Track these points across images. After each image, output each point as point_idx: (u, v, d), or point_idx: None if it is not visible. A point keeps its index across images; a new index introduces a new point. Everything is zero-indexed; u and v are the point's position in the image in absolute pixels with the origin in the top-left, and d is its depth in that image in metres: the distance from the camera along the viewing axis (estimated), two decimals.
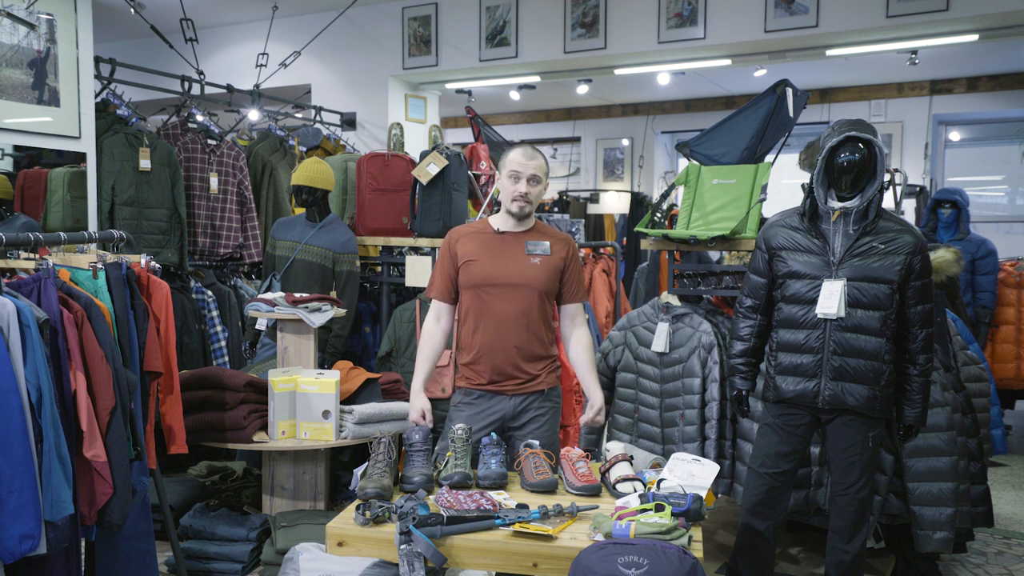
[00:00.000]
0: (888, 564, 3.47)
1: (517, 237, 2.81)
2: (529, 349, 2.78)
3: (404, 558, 2.09)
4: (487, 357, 2.78)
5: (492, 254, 2.78)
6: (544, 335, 2.82)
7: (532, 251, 2.79)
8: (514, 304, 2.76)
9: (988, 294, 5.37)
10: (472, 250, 2.80)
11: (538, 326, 2.79)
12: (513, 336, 2.76)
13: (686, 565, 1.94)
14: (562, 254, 2.83)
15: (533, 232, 2.83)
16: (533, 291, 2.77)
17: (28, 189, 4.04)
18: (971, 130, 8.76)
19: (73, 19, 3.98)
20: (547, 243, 2.81)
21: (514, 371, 2.78)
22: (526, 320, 2.77)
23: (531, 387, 2.81)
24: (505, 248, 2.79)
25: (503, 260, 2.77)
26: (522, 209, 2.76)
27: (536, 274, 2.77)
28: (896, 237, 2.70)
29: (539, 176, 2.76)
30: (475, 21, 6.09)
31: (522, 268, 2.77)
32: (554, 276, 2.81)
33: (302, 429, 3.36)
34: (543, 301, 2.80)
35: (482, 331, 2.78)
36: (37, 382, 2.13)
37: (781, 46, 5.36)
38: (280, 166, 5.34)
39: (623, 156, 9.97)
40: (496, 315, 2.76)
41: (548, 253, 2.80)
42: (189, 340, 4.41)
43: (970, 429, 3.32)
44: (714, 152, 3.74)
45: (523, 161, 2.74)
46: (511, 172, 2.75)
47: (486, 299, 2.78)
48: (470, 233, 2.85)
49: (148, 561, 2.79)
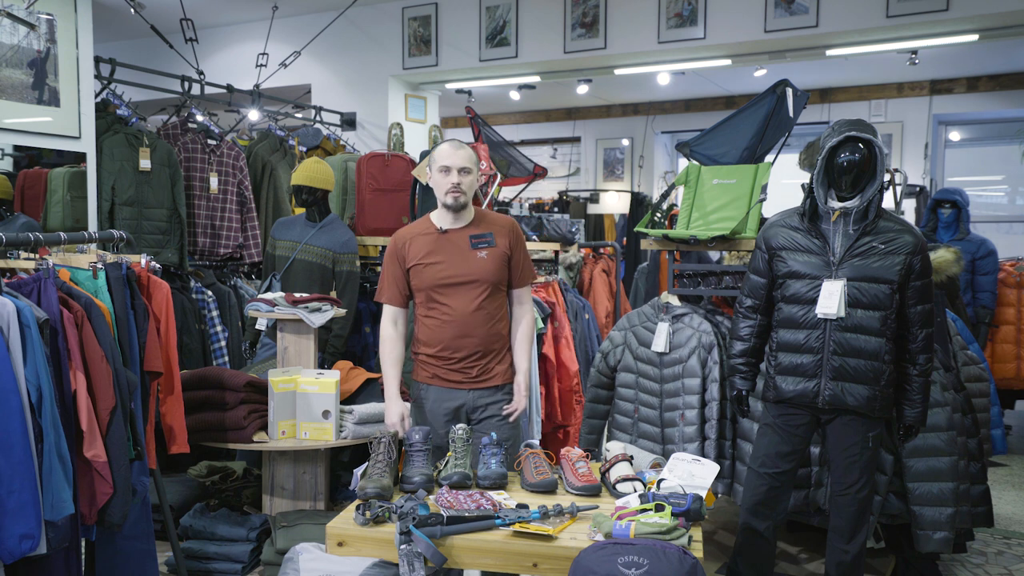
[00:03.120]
0: (888, 564, 3.47)
1: (460, 232, 2.84)
2: (486, 344, 2.83)
3: (404, 558, 2.09)
4: (444, 353, 2.82)
5: (439, 255, 2.82)
6: (501, 327, 2.88)
7: (477, 244, 2.83)
8: (468, 299, 2.80)
9: (988, 294, 5.37)
10: (419, 253, 2.84)
11: (494, 318, 2.85)
12: (469, 332, 2.81)
13: (686, 565, 1.94)
14: (506, 241, 2.87)
15: (474, 224, 2.87)
16: (484, 285, 2.81)
17: (28, 189, 4.04)
18: (971, 130, 8.76)
19: (73, 19, 3.98)
20: (490, 234, 2.85)
21: (470, 366, 2.83)
22: (482, 314, 2.81)
23: (487, 382, 2.85)
24: (450, 246, 2.83)
25: (451, 259, 2.81)
26: (457, 200, 2.79)
27: (484, 267, 2.81)
28: (896, 237, 2.70)
29: (469, 167, 2.80)
30: (475, 21, 6.09)
31: (469, 264, 2.81)
32: (502, 266, 2.85)
33: (302, 429, 3.36)
34: (495, 292, 2.85)
35: (440, 327, 2.82)
36: (37, 382, 2.13)
37: (781, 46, 5.36)
38: (280, 166, 5.34)
39: (623, 156, 9.96)
40: (452, 312, 2.81)
41: (493, 244, 2.84)
42: (189, 340, 4.41)
43: (970, 429, 3.32)
44: (714, 152, 3.75)
45: (452, 152, 2.79)
46: (441, 167, 2.79)
47: (439, 299, 2.82)
48: (415, 236, 2.88)
49: (148, 561, 2.79)
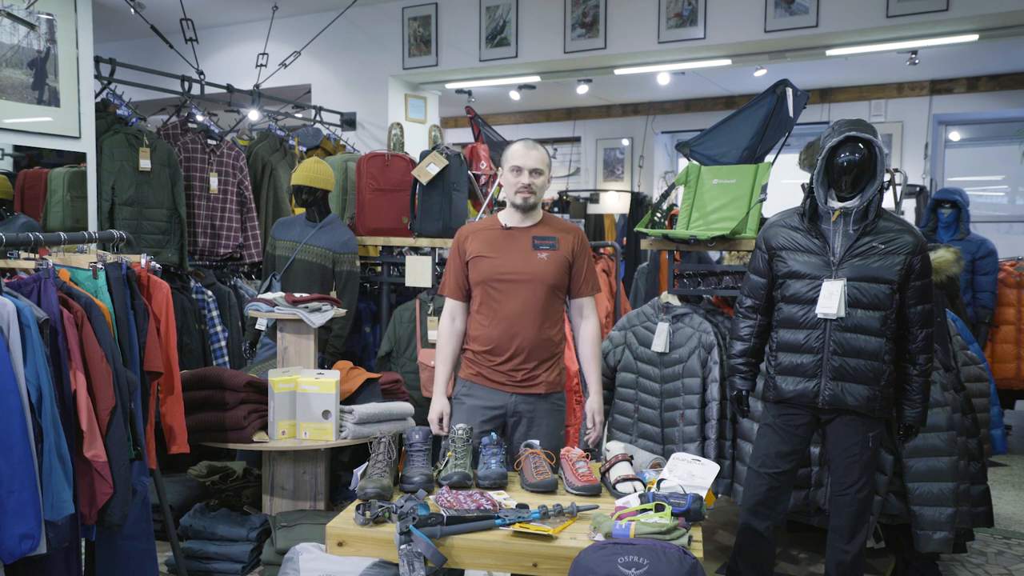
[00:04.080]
0: (888, 564, 3.47)
1: (524, 232, 2.82)
2: (535, 347, 2.79)
3: (404, 558, 2.09)
4: (494, 351, 2.80)
5: (499, 250, 2.80)
6: (553, 333, 2.83)
7: (539, 245, 2.80)
8: (522, 299, 2.77)
9: (988, 294, 5.37)
10: (480, 247, 2.82)
11: (547, 323, 2.80)
12: (521, 332, 2.78)
13: (686, 565, 1.94)
14: (569, 246, 2.83)
15: (540, 226, 2.84)
16: (541, 286, 2.78)
17: (28, 189, 4.04)
18: (971, 130, 8.75)
19: (73, 19, 3.98)
20: (554, 237, 2.82)
21: (517, 368, 2.79)
22: (534, 316, 2.78)
23: (531, 388, 2.81)
24: (512, 243, 2.81)
25: (510, 255, 2.79)
26: (526, 200, 2.77)
27: (543, 268, 2.78)
28: (896, 237, 2.70)
29: (541, 168, 2.78)
30: (475, 21, 6.09)
31: (528, 263, 2.78)
32: (562, 270, 2.81)
33: (302, 429, 3.36)
34: (552, 296, 2.81)
35: (491, 325, 2.80)
36: (37, 382, 2.13)
37: (781, 46, 5.36)
38: (280, 166, 5.34)
39: (623, 156, 9.96)
40: (505, 310, 2.78)
41: (555, 247, 2.81)
42: (189, 340, 4.40)
43: (970, 429, 3.32)
44: (714, 152, 3.75)
45: (525, 152, 2.77)
46: (513, 166, 2.78)
47: (494, 295, 2.80)
48: (479, 230, 2.88)
49: (148, 561, 2.79)
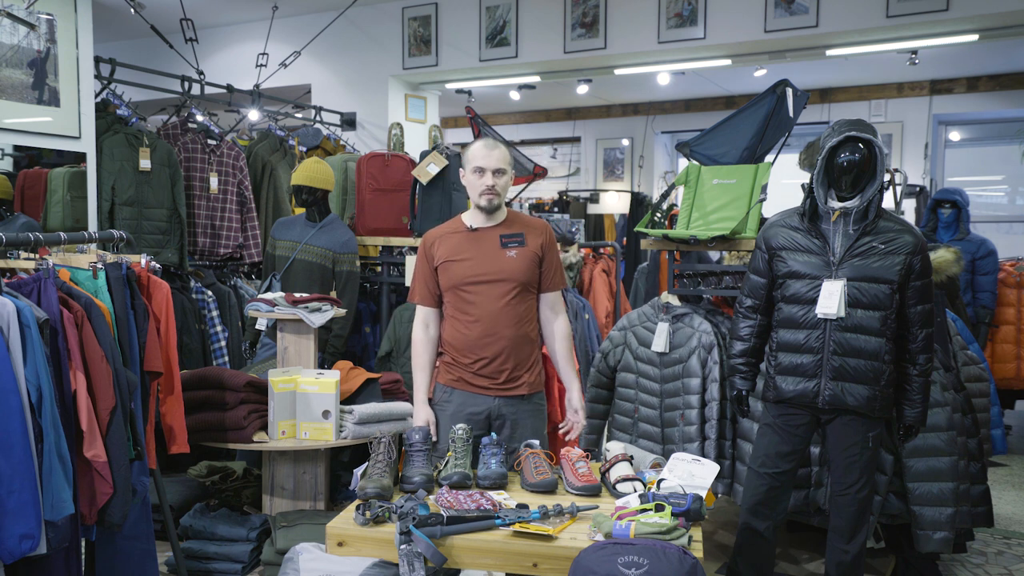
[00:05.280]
0: (888, 564, 3.47)
1: (490, 231, 2.80)
2: (514, 346, 2.77)
3: (404, 558, 2.09)
4: (474, 354, 2.78)
5: (467, 252, 2.78)
6: (530, 330, 2.82)
7: (507, 244, 2.78)
8: (496, 299, 2.75)
9: (988, 294, 5.37)
10: (447, 251, 2.80)
11: (523, 320, 2.79)
12: (499, 332, 2.75)
13: (686, 565, 1.94)
14: (538, 242, 2.82)
15: (506, 224, 2.82)
16: (513, 284, 2.76)
17: (28, 189, 4.04)
18: (971, 130, 8.76)
19: (73, 19, 3.98)
20: (521, 233, 2.81)
21: (499, 370, 2.77)
22: (510, 315, 2.76)
23: (513, 390, 2.80)
24: (479, 244, 2.79)
25: (479, 257, 2.77)
26: (491, 202, 2.76)
27: (513, 266, 2.76)
28: (896, 237, 2.70)
29: (503, 168, 2.76)
30: (475, 21, 6.09)
31: (498, 262, 2.76)
32: (532, 266, 2.80)
33: (302, 429, 3.36)
34: (525, 293, 2.79)
35: (468, 329, 2.78)
36: (37, 382, 2.13)
37: (781, 46, 5.36)
38: (280, 166, 5.34)
39: (623, 156, 9.96)
40: (479, 312, 2.76)
41: (523, 244, 2.79)
42: (189, 340, 4.41)
43: (970, 429, 3.32)
44: (714, 152, 3.74)
45: (487, 153, 2.74)
46: (476, 167, 2.75)
47: (467, 298, 2.78)
48: (444, 234, 2.85)
49: (148, 561, 2.79)
